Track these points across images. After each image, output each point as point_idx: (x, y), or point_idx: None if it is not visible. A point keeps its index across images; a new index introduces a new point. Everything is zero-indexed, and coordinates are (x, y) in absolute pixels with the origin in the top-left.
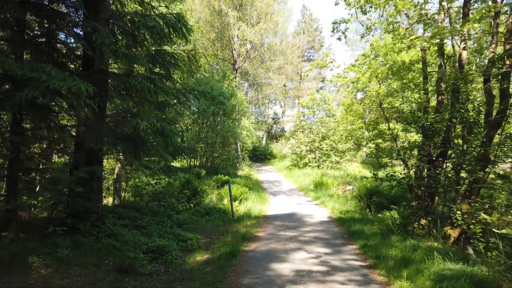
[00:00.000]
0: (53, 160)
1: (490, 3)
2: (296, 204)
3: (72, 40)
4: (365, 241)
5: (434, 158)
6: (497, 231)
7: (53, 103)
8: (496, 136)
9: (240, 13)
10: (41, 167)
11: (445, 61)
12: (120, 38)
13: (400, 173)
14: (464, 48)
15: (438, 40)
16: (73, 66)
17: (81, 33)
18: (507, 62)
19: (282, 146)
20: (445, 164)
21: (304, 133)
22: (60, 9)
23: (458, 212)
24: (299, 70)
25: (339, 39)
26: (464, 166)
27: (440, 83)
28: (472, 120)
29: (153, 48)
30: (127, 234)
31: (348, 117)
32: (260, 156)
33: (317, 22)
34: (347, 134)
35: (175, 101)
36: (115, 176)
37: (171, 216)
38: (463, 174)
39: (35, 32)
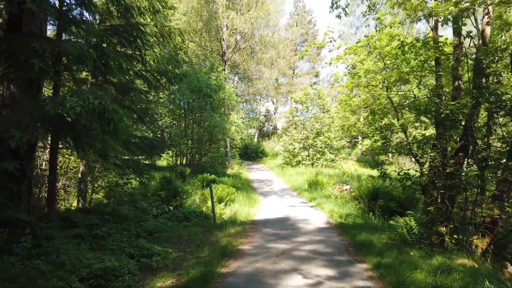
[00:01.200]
0: None
1: None
2: (289, 206)
3: None
4: (378, 258)
5: (453, 153)
6: None
7: None
8: None
9: (230, 2)
10: None
11: (462, 40)
12: None
13: (416, 171)
14: (488, 23)
15: (468, 4)
16: None
17: None
18: None
19: (274, 143)
20: (466, 160)
21: (297, 130)
22: None
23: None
24: (291, 64)
25: (338, 16)
26: (492, 162)
27: (457, 66)
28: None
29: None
30: (69, 251)
31: (349, 104)
32: (252, 154)
33: (310, 15)
34: (349, 125)
35: (146, 87)
36: (79, 176)
37: (143, 222)
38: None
39: None
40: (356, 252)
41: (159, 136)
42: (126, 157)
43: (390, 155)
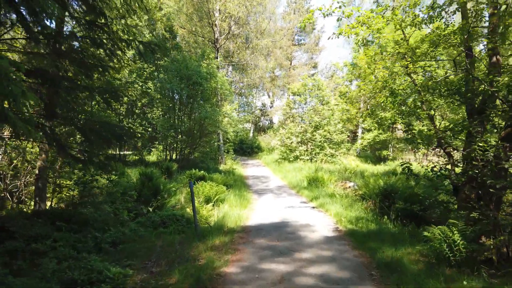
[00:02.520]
0: None
1: None
2: (287, 207)
3: None
4: None
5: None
6: None
7: None
8: None
9: None
10: None
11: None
12: None
13: (443, 167)
14: None
15: None
16: None
17: None
18: None
19: (271, 138)
20: None
21: (295, 122)
22: None
23: None
24: (288, 54)
25: None
26: None
27: (493, 37)
28: None
29: None
30: None
31: (368, 83)
32: (247, 149)
33: (308, 3)
34: (363, 111)
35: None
36: (37, 171)
37: (109, 229)
38: None
39: None
40: (383, 280)
41: (149, 130)
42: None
43: (391, 150)
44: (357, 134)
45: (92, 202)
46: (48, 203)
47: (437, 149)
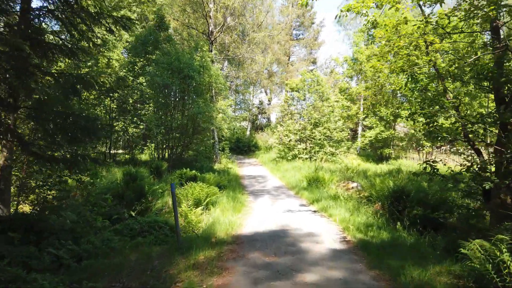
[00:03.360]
0: None
1: None
2: (286, 211)
3: None
4: None
5: None
6: None
7: None
8: None
9: None
10: None
11: None
12: None
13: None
14: None
15: None
16: None
17: None
18: None
19: (268, 136)
20: None
21: (293, 119)
22: None
23: None
24: (286, 49)
25: None
26: None
27: None
28: None
29: None
30: None
31: (384, 66)
32: (244, 148)
33: None
34: (378, 98)
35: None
36: None
37: (76, 240)
38: None
39: None
40: None
41: (141, 127)
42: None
43: (391, 148)
44: (357, 132)
45: (59, 206)
46: (23, 207)
47: (445, 147)
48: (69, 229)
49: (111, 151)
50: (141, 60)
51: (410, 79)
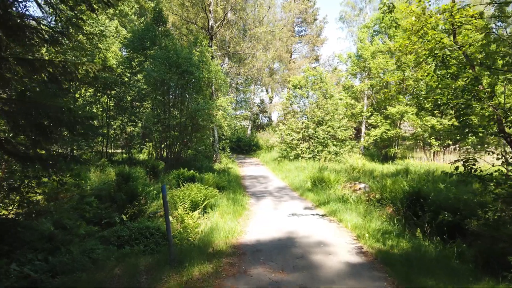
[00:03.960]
0: None
1: None
2: (291, 215)
3: None
4: None
5: None
6: None
7: None
8: None
9: None
10: None
11: None
12: None
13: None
14: None
15: None
16: None
17: None
18: None
19: (269, 135)
20: None
21: (295, 117)
22: None
23: None
24: (288, 46)
25: None
26: None
27: None
28: None
29: None
30: None
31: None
32: (245, 147)
33: None
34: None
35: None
36: None
37: (53, 250)
38: None
39: None
40: None
41: (140, 127)
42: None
43: (395, 147)
44: (360, 131)
45: (36, 211)
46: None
47: (454, 146)
48: (47, 237)
49: (107, 150)
50: (139, 56)
51: (439, 64)
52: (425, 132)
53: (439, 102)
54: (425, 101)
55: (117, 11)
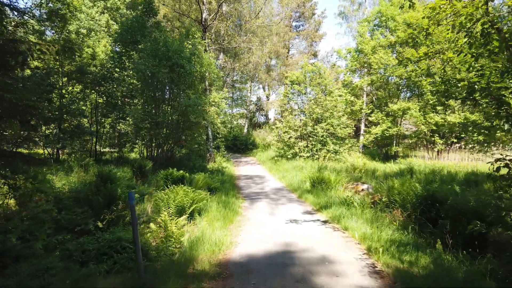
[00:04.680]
0: None
1: None
2: (290, 221)
3: None
4: None
5: None
6: None
7: None
8: None
9: None
10: None
11: None
12: None
13: None
14: None
15: None
16: None
17: None
18: None
19: (266, 133)
20: None
21: (293, 114)
22: None
23: None
24: (286, 42)
25: None
26: None
27: None
28: None
29: None
30: None
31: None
32: (241, 146)
33: None
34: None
35: None
36: None
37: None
38: None
39: None
40: None
41: (130, 124)
42: None
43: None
44: (359, 129)
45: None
46: None
47: (459, 144)
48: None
49: (101, 149)
50: (128, 49)
51: (474, 41)
52: (442, 127)
53: (476, 87)
54: (456, 88)
55: (108, 4)
